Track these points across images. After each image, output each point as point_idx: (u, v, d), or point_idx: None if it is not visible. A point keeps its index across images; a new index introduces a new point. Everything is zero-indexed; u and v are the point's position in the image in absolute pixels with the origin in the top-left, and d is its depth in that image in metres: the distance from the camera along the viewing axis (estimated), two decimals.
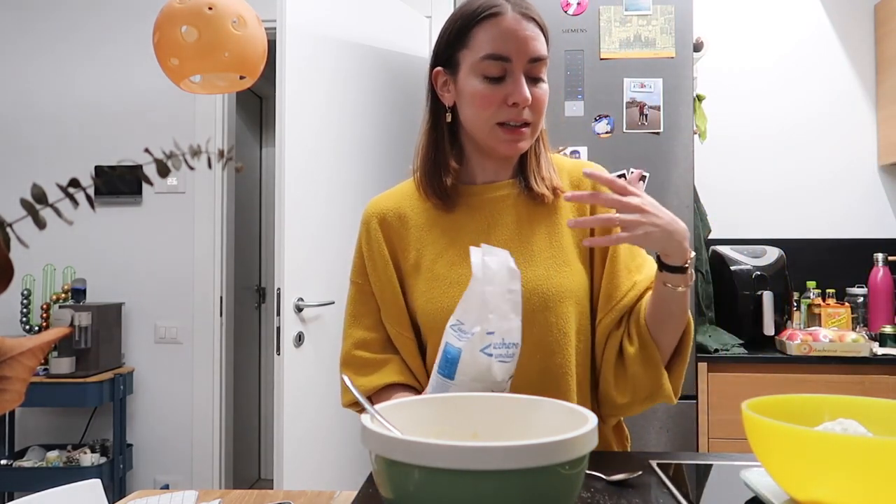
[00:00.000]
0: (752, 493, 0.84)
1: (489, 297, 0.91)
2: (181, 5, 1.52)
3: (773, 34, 2.91)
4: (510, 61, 1.02)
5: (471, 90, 1.04)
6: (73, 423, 3.03)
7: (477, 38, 1.03)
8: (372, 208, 1.16)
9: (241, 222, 3.63)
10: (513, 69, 1.02)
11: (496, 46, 1.02)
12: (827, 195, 2.87)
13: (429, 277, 1.08)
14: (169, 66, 1.57)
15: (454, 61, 1.07)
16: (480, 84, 1.03)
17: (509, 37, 1.02)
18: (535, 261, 1.07)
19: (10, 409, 0.47)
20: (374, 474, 0.65)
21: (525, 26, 1.02)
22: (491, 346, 0.91)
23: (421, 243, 1.11)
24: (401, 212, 1.13)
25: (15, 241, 0.45)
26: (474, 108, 1.05)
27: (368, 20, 2.51)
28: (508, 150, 1.06)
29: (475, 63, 1.03)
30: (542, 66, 1.04)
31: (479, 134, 1.07)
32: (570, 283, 1.07)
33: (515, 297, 0.94)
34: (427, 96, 1.13)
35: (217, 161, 0.52)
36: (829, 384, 2.20)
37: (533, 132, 1.06)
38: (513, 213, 1.10)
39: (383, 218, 1.13)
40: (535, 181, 1.09)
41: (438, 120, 1.11)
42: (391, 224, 1.13)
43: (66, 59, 3.10)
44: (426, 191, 1.11)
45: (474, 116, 1.06)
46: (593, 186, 1.10)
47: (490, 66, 1.02)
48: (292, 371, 2.16)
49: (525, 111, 1.03)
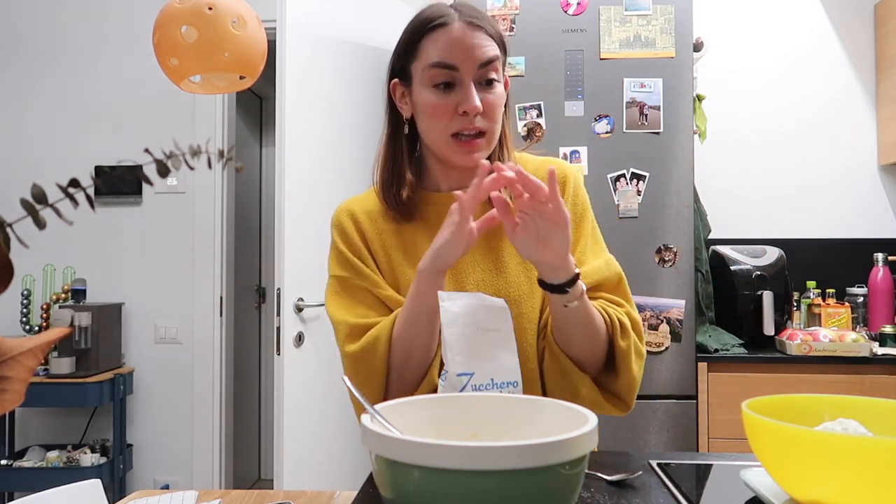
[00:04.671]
0: (752, 493, 0.84)
1: (452, 340, 0.91)
2: (181, 5, 1.52)
3: (773, 34, 2.91)
4: (457, 69, 1.02)
5: (423, 101, 1.05)
6: (73, 423, 3.03)
7: (425, 49, 1.04)
8: (341, 209, 1.14)
9: (241, 222, 3.63)
10: (461, 77, 1.02)
11: (442, 55, 1.02)
12: (827, 195, 2.87)
13: (405, 284, 1.07)
14: (169, 66, 1.57)
15: (407, 73, 1.07)
16: (431, 94, 1.03)
17: (455, 45, 1.02)
18: (506, 267, 1.07)
19: (10, 409, 0.47)
20: (374, 474, 0.65)
21: (472, 34, 1.02)
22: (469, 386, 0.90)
23: (393, 247, 1.10)
24: (371, 214, 1.12)
25: (15, 241, 0.45)
26: (427, 119, 1.05)
27: (368, 20, 2.51)
28: (465, 161, 1.05)
29: (424, 72, 1.04)
30: (492, 70, 1.03)
31: (436, 146, 1.07)
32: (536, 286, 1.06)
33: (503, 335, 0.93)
34: (385, 107, 1.13)
35: (217, 161, 0.52)
36: (829, 384, 2.20)
37: (489, 140, 1.05)
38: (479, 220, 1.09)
39: (354, 215, 1.12)
40: None
41: (397, 132, 1.11)
42: (362, 222, 1.12)
43: (65, 59, 3.10)
44: (385, 201, 1.11)
45: (429, 128, 1.06)
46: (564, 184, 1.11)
47: (437, 73, 1.02)
48: (292, 371, 2.16)
49: (478, 119, 1.02)
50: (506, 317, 0.95)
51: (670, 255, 2.23)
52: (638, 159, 2.24)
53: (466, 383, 0.91)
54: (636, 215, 2.24)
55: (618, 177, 2.25)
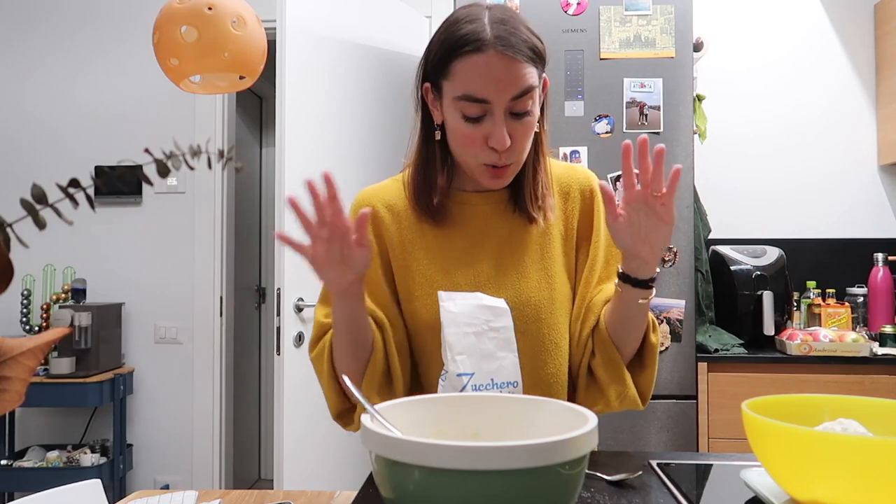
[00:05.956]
0: (752, 493, 0.84)
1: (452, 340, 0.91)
2: (181, 5, 1.52)
3: (773, 34, 2.91)
4: (489, 103, 0.97)
5: (452, 125, 1.01)
6: (73, 423, 3.03)
7: (456, 73, 0.98)
8: (362, 197, 1.13)
9: (241, 222, 3.63)
10: (492, 109, 0.97)
11: (473, 88, 0.96)
12: (827, 195, 2.87)
13: (423, 283, 1.07)
14: (169, 66, 1.57)
15: (439, 85, 1.03)
16: (461, 122, 0.99)
17: (488, 78, 0.96)
18: (527, 273, 1.07)
19: (10, 410, 0.47)
20: (374, 474, 0.65)
21: (506, 66, 0.96)
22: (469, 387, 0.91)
23: (413, 245, 1.09)
24: (393, 207, 1.11)
25: (15, 241, 0.45)
26: (456, 143, 1.03)
27: (368, 20, 2.51)
28: (493, 185, 1.05)
29: (454, 100, 0.99)
30: (527, 100, 0.98)
31: (464, 166, 1.06)
32: (560, 293, 1.07)
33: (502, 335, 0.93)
34: (417, 108, 1.09)
35: (217, 161, 0.52)
36: (829, 384, 2.20)
37: (518, 164, 1.04)
38: (504, 225, 1.09)
39: (374, 209, 1.11)
40: (530, 203, 1.07)
41: (430, 134, 1.08)
42: (382, 217, 1.11)
43: (65, 60, 3.10)
44: (415, 205, 1.09)
45: (457, 151, 1.04)
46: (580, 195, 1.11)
47: (468, 106, 0.97)
48: (292, 371, 2.16)
49: (505, 154, 0.99)
50: (506, 317, 0.96)
51: (670, 255, 2.23)
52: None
53: (466, 383, 0.91)
54: None
55: (618, 177, 2.25)
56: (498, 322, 0.94)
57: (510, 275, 1.07)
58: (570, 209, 1.11)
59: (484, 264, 1.07)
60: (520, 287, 1.05)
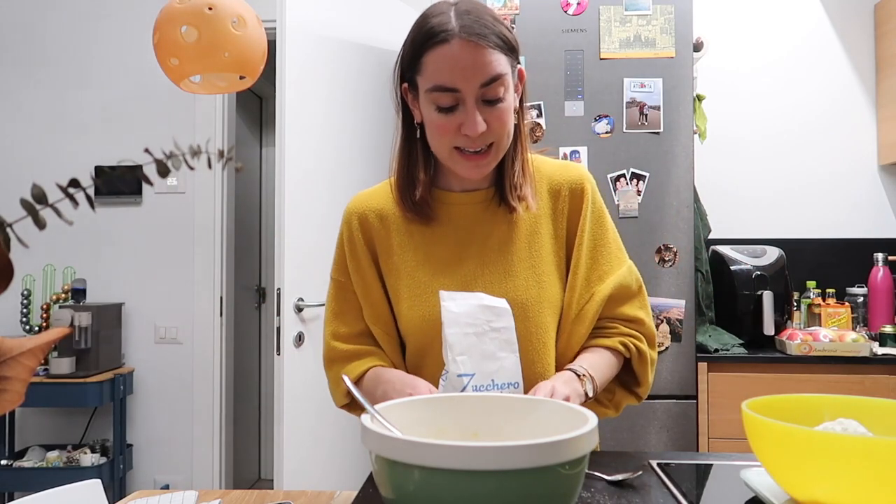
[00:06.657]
0: (752, 493, 0.84)
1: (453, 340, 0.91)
2: (181, 5, 1.52)
3: (773, 34, 2.91)
4: (459, 91, 0.98)
5: (427, 117, 1.03)
6: (73, 423, 3.03)
7: (427, 66, 1.00)
8: (353, 206, 1.15)
9: (241, 222, 3.63)
10: (463, 97, 0.98)
11: (442, 78, 0.98)
12: (827, 195, 2.87)
13: (410, 284, 1.08)
14: (169, 66, 1.56)
15: (414, 82, 1.04)
16: (434, 113, 1.01)
17: (455, 66, 0.97)
18: (515, 271, 1.07)
19: (10, 410, 0.47)
20: (374, 474, 0.65)
21: (473, 52, 0.97)
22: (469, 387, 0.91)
23: (402, 248, 1.11)
24: (382, 212, 1.13)
25: (15, 241, 0.45)
26: (432, 136, 1.04)
27: (368, 20, 2.51)
28: (468, 174, 1.05)
29: (427, 92, 1.01)
30: (498, 87, 0.99)
31: (441, 157, 1.06)
32: (548, 293, 1.07)
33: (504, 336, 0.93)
34: (397, 108, 1.10)
35: (217, 161, 0.52)
36: (829, 384, 2.20)
37: (497, 151, 1.04)
38: (491, 223, 1.09)
39: (364, 217, 1.13)
40: (510, 193, 1.07)
41: (411, 132, 1.09)
42: (372, 224, 1.12)
43: (65, 60, 3.10)
44: (401, 203, 1.11)
45: (434, 143, 1.05)
46: (570, 194, 1.11)
47: (439, 97, 0.99)
48: (292, 371, 2.16)
49: (479, 138, 1.00)
50: (507, 317, 0.95)
51: (670, 255, 2.23)
52: (638, 159, 2.24)
53: (467, 384, 0.91)
54: (636, 215, 2.24)
55: (618, 177, 2.25)
56: (499, 322, 0.94)
57: (497, 273, 1.07)
58: (560, 208, 1.11)
59: (471, 263, 1.08)
60: (507, 286, 1.06)
